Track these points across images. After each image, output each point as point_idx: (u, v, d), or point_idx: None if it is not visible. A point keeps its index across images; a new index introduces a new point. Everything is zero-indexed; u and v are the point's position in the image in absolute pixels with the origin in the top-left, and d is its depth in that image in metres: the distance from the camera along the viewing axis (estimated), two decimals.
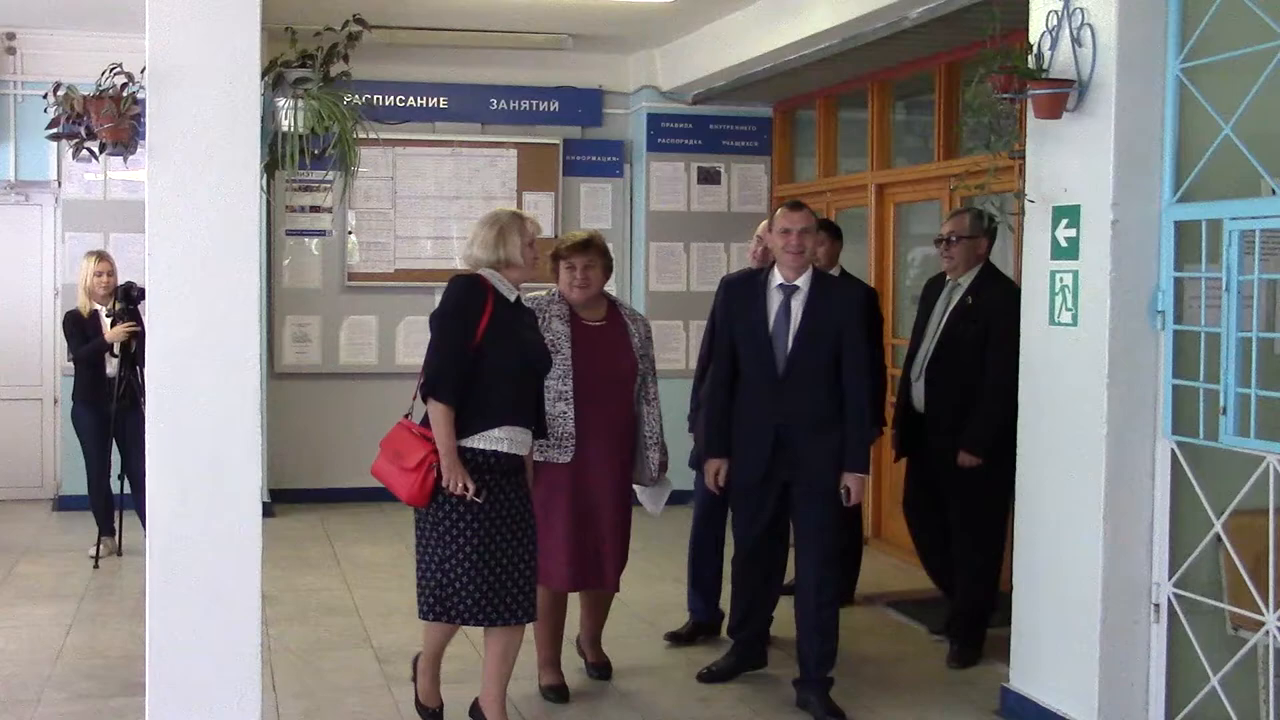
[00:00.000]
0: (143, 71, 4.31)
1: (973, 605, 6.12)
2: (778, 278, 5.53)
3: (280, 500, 9.49)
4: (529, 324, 5.05)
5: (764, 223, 6.25)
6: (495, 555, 4.74)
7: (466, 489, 4.67)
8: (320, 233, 10.14)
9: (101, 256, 8.19)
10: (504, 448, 4.80)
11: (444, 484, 4.68)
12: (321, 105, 4.41)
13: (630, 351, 5.60)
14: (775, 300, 5.51)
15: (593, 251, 5.55)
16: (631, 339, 5.62)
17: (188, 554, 4.39)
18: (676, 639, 6.43)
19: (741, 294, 5.68)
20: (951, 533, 6.19)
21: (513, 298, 4.91)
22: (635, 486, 5.71)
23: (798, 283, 5.50)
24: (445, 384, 4.71)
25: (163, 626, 4.40)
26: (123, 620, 6.65)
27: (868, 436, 5.59)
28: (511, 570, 4.78)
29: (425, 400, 4.74)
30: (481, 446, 4.76)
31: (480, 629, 4.91)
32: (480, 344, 4.73)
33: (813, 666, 5.47)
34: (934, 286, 6.41)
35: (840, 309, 5.48)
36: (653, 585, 7.34)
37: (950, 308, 6.16)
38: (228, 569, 4.43)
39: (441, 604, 4.79)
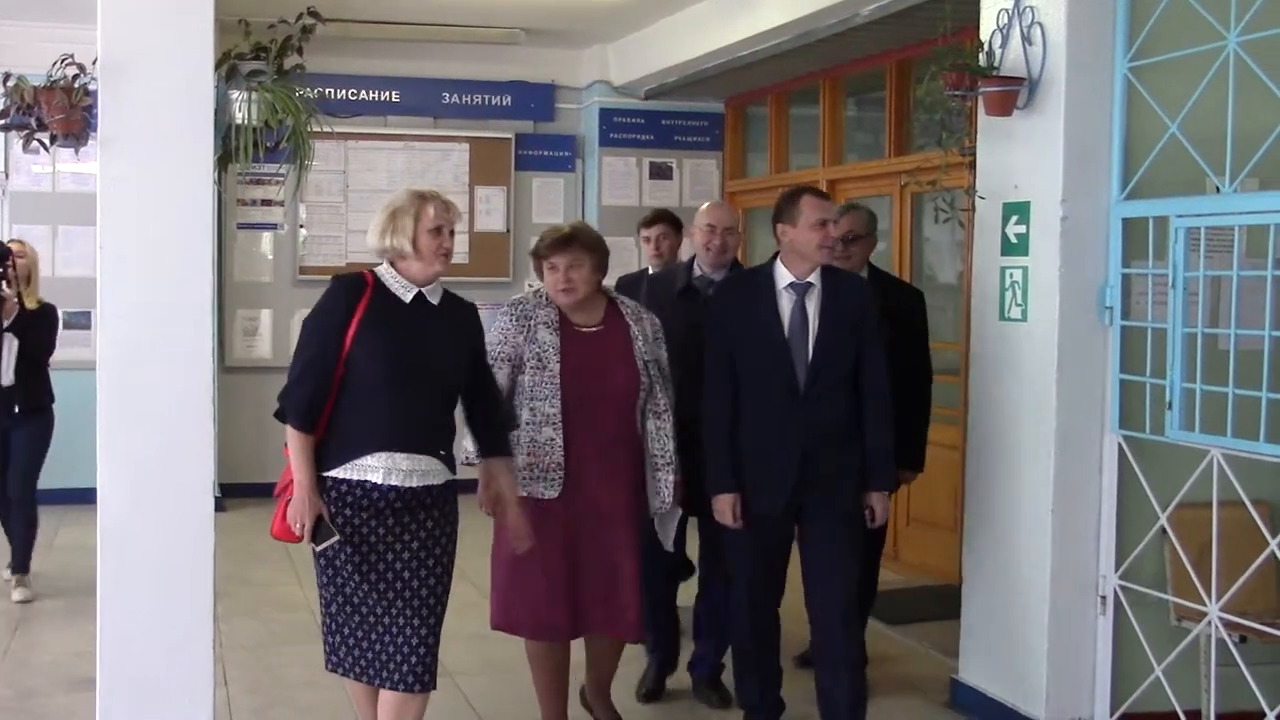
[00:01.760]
0: (94, 62, 4.26)
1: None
2: (786, 275, 4.73)
3: (231, 494, 9.40)
4: (440, 327, 4.13)
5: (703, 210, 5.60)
6: (359, 609, 4.07)
7: (304, 528, 3.97)
8: (271, 226, 10.08)
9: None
10: (377, 478, 3.97)
11: (289, 517, 3.99)
12: (275, 98, 4.38)
13: (631, 361, 4.71)
14: (786, 302, 4.71)
15: (576, 248, 4.69)
16: (634, 344, 4.74)
17: (139, 548, 4.36)
18: (651, 696, 5.57)
19: (740, 296, 4.86)
20: None
21: (409, 296, 4.07)
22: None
23: (811, 279, 4.72)
24: (296, 404, 3.98)
25: (114, 622, 4.36)
26: (71, 616, 6.59)
27: (893, 448, 4.81)
28: (385, 630, 4.06)
29: (280, 421, 4.05)
30: (351, 477, 3.97)
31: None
32: (349, 353, 3.96)
33: (845, 712, 4.76)
34: None
35: (855, 305, 4.75)
36: None
37: None
38: (180, 563, 4.40)
39: (326, 646, 4.20)
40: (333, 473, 3.99)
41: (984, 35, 5.16)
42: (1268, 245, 4.28)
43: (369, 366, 3.96)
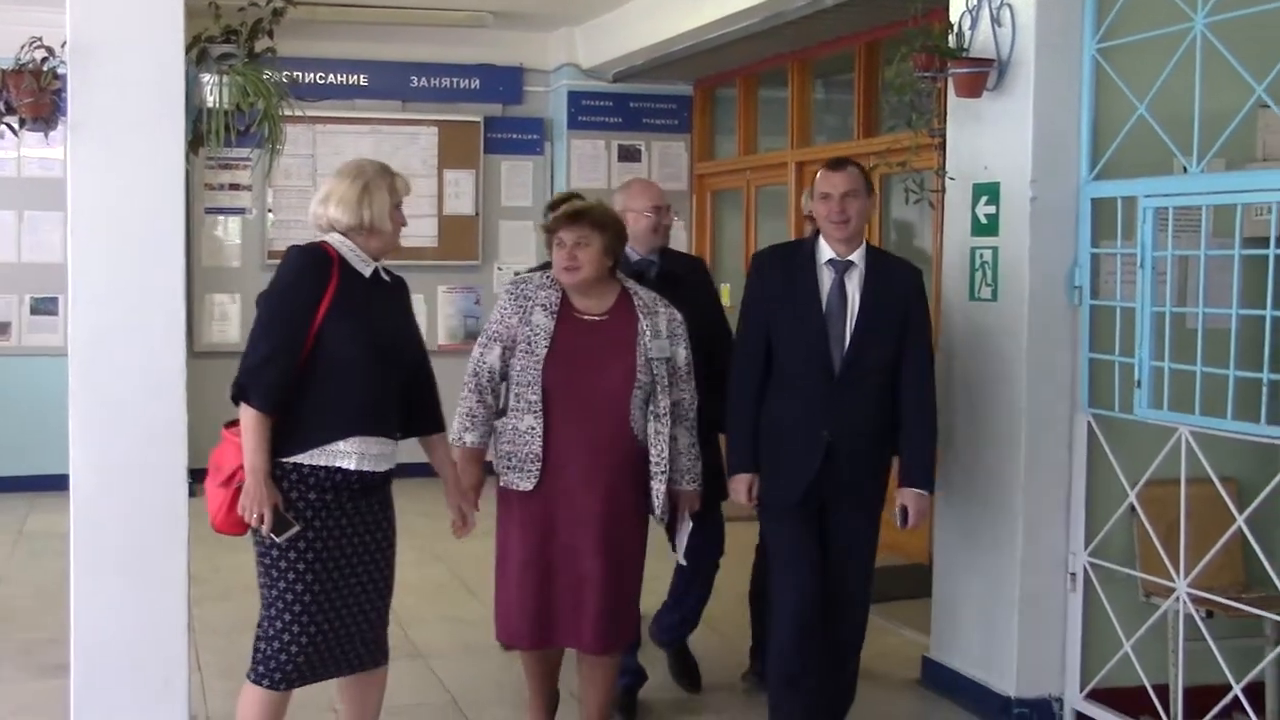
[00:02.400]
0: (63, 46, 4.23)
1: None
2: (827, 251, 4.48)
3: (202, 479, 9.35)
4: (395, 305, 3.98)
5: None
6: (331, 600, 3.80)
7: (263, 521, 3.68)
8: (240, 210, 10.03)
9: None
10: (350, 464, 3.77)
11: (240, 509, 3.71)
12: (247, 81, 4.35)
13: (630, 354, 4.33)
14: (826, 279, 4.47)
15: (586, 224, 4.31)
16: (639, 339, 4.35)
17: (112, 533, 4.34)
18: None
19: (781, 269, 4.56)
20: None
21: (368, 271, 3.88)
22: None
23: (852, 258, 4.48)
24: (262, 384, 3.69)
25: (87, 607, 4.35)
26: (43, 602, 6.55)
27: (932, 448, 4.60)
28: (352, 617, 3.87)
29: (236, 403, 3.75)
30: (320, 463, 3.75)
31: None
32: (319, 332, 3.73)
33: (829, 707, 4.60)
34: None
35: (903, 292, 4.49)
36: None
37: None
38: (153, 548, 4.39)
39: (265, 664, 3.82)
40: (297, 458, 3.74)
41: (953, 17, 5.17)
42: (1234, 225, 4.31)
43: (341, 348, 3.74)
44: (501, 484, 4.36)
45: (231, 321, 9.96)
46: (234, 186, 9.94)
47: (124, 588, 4.33)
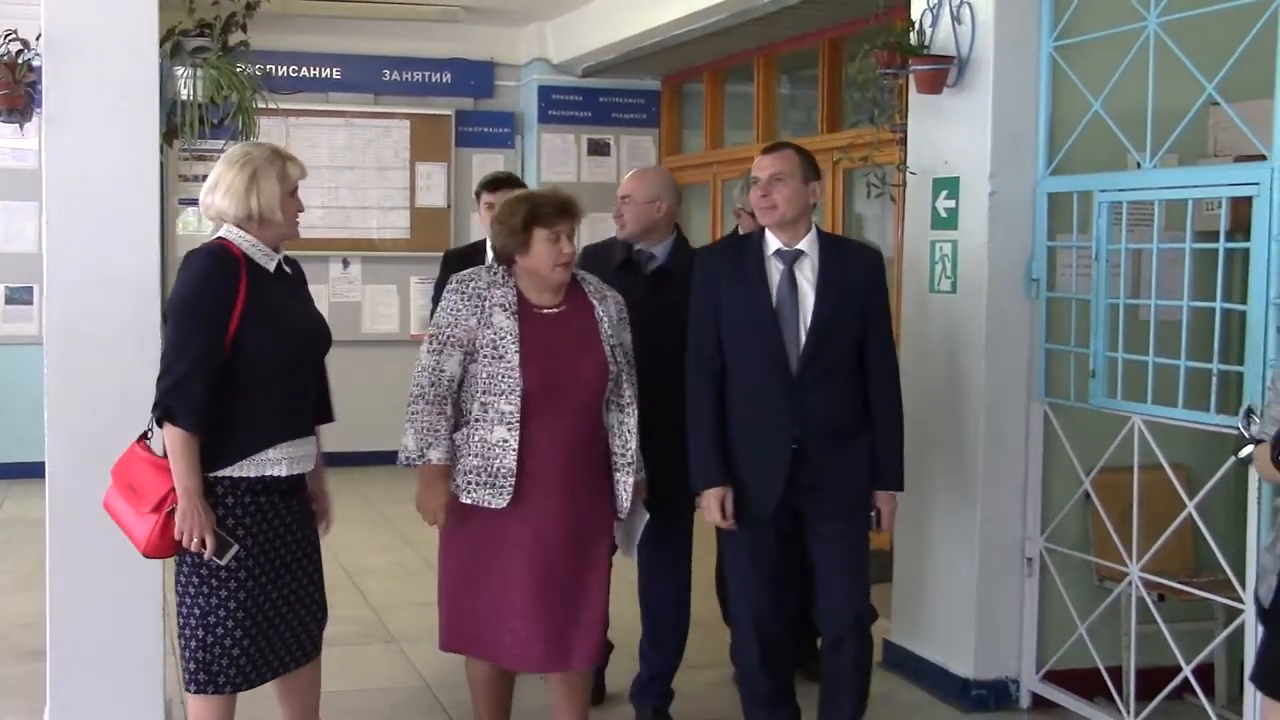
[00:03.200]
0: (38, 38, 4.21)
1: None
2: (774, 242, 4.13)
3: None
4: (302, 297, 3.74)
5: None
6: (272, 601, 3.59)
7: (204, 545, 3.43)
8: None
9: None
10: (281, 471, 3.55)
11: (177, 534, 3.43)
12: (220, 74, 4.34)
13: (598, 346, 4.00)
14: (775, 271, 4.13)
15: (576, 215, 4.02)
16: (600, 326, 4.03)
17: (88, 521, 4.29)
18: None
19: (725, 265, 4.22)
20: None
21: (272, 265, 3.60)
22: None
23: (801, 246, 4.13)
24: (187, 402, 3.40)
25: (63, 592, 4.33)
26: (18, 588, 6.51)
27: (901, 442, 4.28)
28: (284, 618, 3.64)
29: (160, 425, 3.48)
30: (251, 474, 3.51)
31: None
32: (235, 338, 3.45)
33: None
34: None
35: (861, 279, 4.13)
36: None
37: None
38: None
39: (207, 670, 3.55)
40: (228, 471, 3.48)
41: (915, 15, 5.19)
42: (1186, 219, 4.36)
43: (260, 353, 3.48)
44: (464, 501, 3.93)
45: None
46: (208, 178, 9.89)
47: (100, 574, 4.30)
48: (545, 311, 4.01)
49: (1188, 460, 4.77)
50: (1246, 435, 3.96)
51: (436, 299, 4.63)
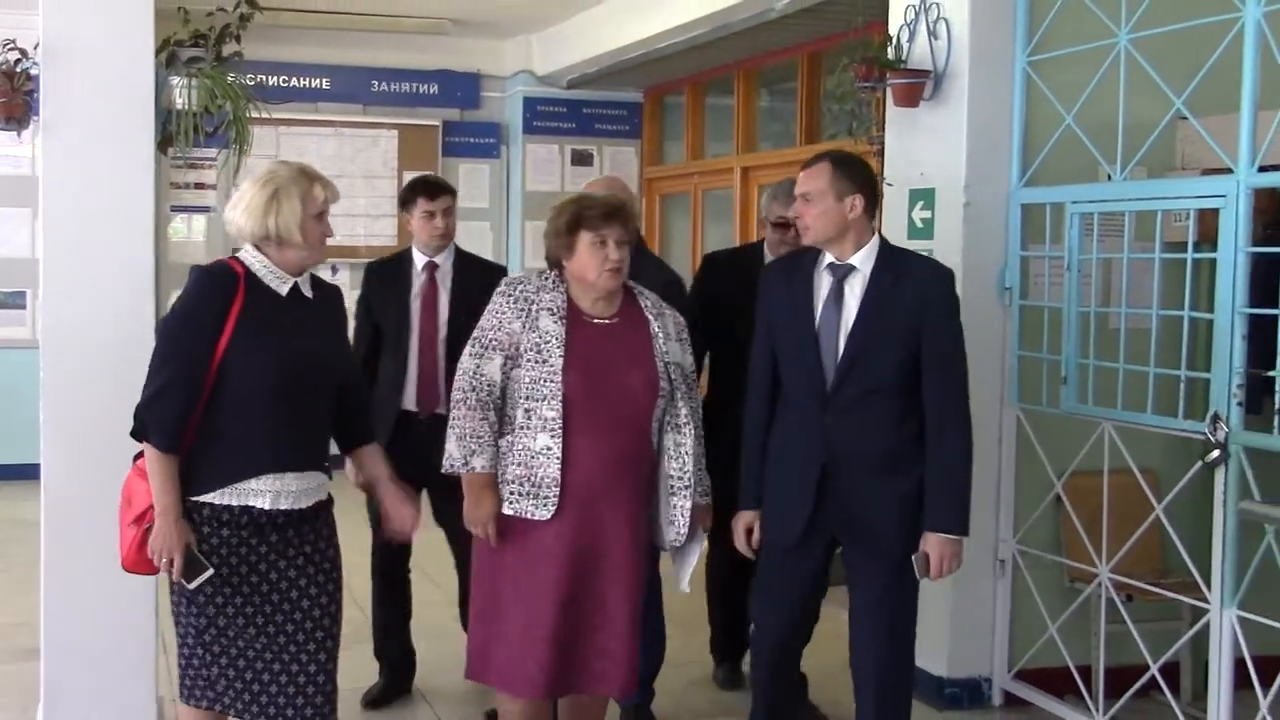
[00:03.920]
0: (36, 48, 4.20)
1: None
2: (827, 255, 3.85)
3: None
4: (318, 324, 3.44)
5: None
6: (236, 641, 3.33)
7: (172, 564, 3.23)
8: (204, 209, 9.95)
9: None
10: (264, 504, 3.28)
11: (150, 552, 3.25)
12: (215, 84, 4.33)
13: (650, 361, 3.72)
14: (824, 285, 3.84)
15: (628, 220, 3.73)
16: (654, 341, 3.75)
17: (82, 522, 4.29)
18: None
19: (782, 280, 3.95)
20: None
21: (285, 289, 3.36)
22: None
23: (853, 260, 3.81)
24: (161, 421, 3.23)
25: (57, 592, 4.32)
26: (12, 588, 6.48)
27: (962, 480, 3.80)
28: (281, 665, 3.34)
29: (137, 439, 3.32)
30: (231, 503, 3.27)
31: None
32: (222, 359, 3.24)
33: None
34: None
35: (913, 297, 3.76)
36: None
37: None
38: None
39: (184, 680, 3.40)
40: (206, 497, 3.27)
41: (892, 30, 5.21)
42: (1155, 230, 4.39)
43: (249, 377, 3.25)
44: (507, 512, 3.67)
45: None
46: (199, 185, 9.87)
47: (93, 574, 4.29)
48: (596, 321, 3.73)
49: (1156, 465, 4.80)
50: (1213, 440, 4.01)
51: (360, 313, 4.80)
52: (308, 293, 3.43)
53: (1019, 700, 5.00)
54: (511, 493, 3.66)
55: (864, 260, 3.80)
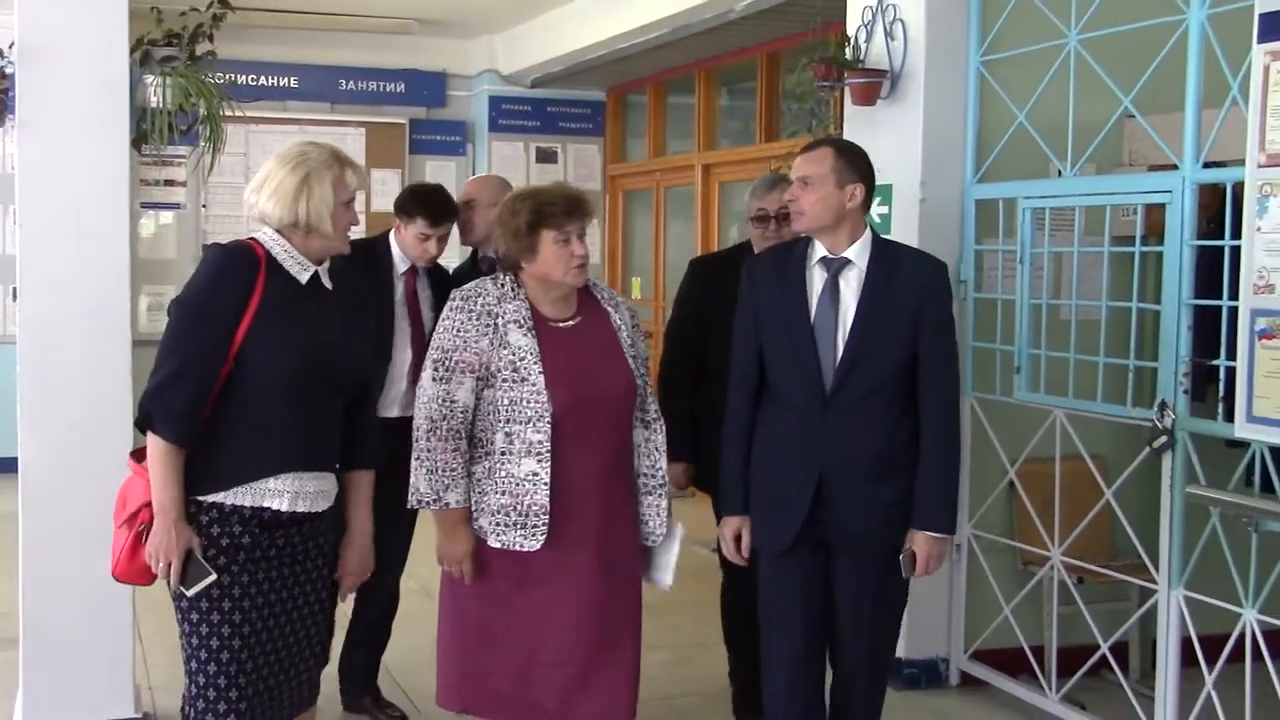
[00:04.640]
0: (11, 46, 4.17)
1: None
2: (819, 249, 3.56)
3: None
4: (340, 316, 3.11)
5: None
6: (264, 647, 2.99)
7: (169, 569, 2.88)
8: (174, 205, 9.90)
9: None
10: (282, 505, 2.96)
11: (147, 555, 2.91)
12: (189, 83, 4.32)
13: (623, 359, 3.43)
14: (817, 280, 3.55)
15: (588, 210, 3.40)
16: (619, 335, 3.46)
17: (60, 513, 4.28)
18: None
19: (769, 274, 3.63)
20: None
21: (305, 277, 3.04)
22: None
23: (848, 254, 3.53)
24: (167, 410, 2.89)
25: (35, 582, 4.30)
26: None
27: (953, 479, 3.61)
28: (282, 665, 3.05)
29: (141, 431, 2.98)
30: (245, 503, 2.94)
31: None
32: (241, 347, 2.91)
33: None
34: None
35: (912, 293, 3.49)
36: None
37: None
38: (99, 528, 4.23)
39: (197, 702, 2.97)
40: (216, 497, 2.93)
41: (850, 30, 5.23)
42: (1104, 224, 4.44)
43: (268, 370, 2.93)
44: (493, 545, 3.33)
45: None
46: (169, 182, 9.81)
47: (71, 565, 4.27)
48: (561, 325, 3.39)
49: (1105, 451, 4.85)
50: (1160, 427, 4.07)
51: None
52: (327, 283, 3.11)
53: (975, 680, 5.05)
54: (498, 524, 3.31)
55: (859, 254, 3.51)
